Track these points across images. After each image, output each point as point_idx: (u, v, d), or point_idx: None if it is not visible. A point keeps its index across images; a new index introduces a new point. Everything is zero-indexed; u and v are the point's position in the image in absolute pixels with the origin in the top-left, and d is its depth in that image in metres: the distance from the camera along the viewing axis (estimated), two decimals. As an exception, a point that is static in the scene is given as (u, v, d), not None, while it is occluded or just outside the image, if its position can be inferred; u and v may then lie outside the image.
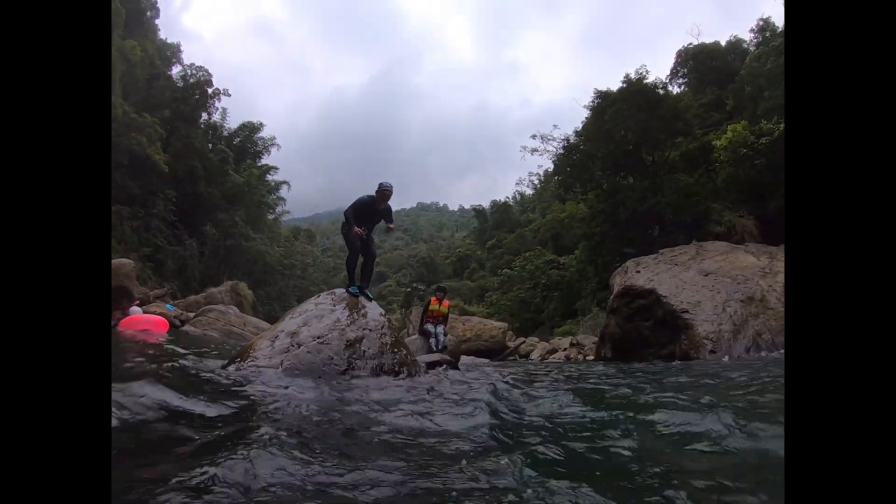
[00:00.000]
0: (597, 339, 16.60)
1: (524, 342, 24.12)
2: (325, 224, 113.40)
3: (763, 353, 10.23)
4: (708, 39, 34.82)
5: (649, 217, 25.34)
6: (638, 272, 14.49)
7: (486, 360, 16.37)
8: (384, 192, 7.95)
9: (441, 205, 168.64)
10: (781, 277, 12.66)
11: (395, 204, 8.19)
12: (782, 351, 10.15)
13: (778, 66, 24.97)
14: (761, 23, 32.21)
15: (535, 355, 21.37)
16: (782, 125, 20.44)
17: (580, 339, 21.47)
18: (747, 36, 33.64)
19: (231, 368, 5.86)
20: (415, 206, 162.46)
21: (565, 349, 20.79)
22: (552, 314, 33.16)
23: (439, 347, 11.84)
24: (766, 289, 12.17)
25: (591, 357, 16.41)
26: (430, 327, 12.35)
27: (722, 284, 12.51)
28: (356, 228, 7.77)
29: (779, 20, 30.68)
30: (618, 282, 15.08)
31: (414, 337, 13.06)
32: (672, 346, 11.66)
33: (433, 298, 12.90)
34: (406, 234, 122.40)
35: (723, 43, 34.11)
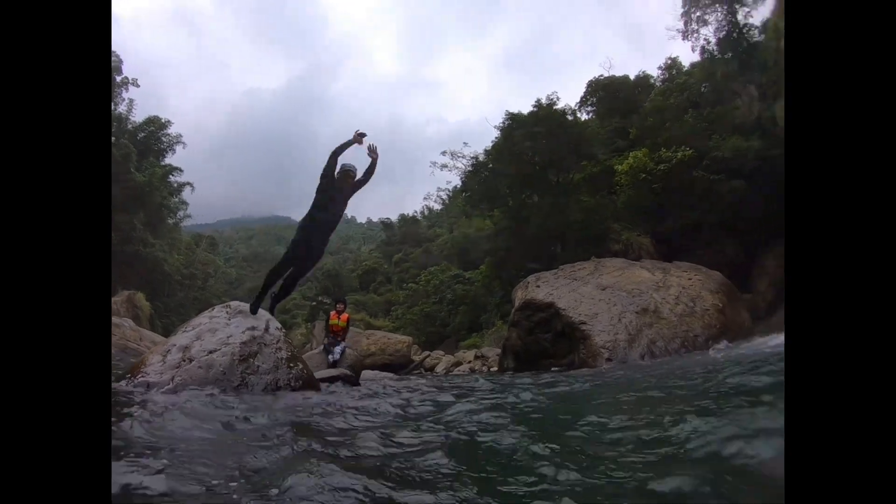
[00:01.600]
0: (500, 351, 16.95)
1: (429, 356, 24.24)
2: (228, 232, 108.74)
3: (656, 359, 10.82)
4: (618, 73, 36.04)
5: (552, 234, 26.17)
6: (538, 286, 14.95)
7: (390, 374, 16.37)
8: (347, 173, 6.98)
9: (349, 216, 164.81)
10: (674, 290, 13.48)
11: (302, 214, 7.60)
12: (671, 356, 10.85)
13: (680, 101, 26.60)
14: (669, 61, 34.26)
15: (439, 368, 21.51)
16: (679, 153, 21.78)
17: (484, 351, 21.81)
18: (655, 72, 35.45)
19: (120, 385, 5.56)
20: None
21: (470, 362, 21.06)
22: (457, 327, 33.47)
23: (333, 362, 11.71)
24: (659, 301, 12.90)
25: (495, 368, 16.70)
26: (327, 342, 12.24)
27: (618, 297, 13.13)
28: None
29: (685, 60, 32.68)
30: (519, 296, 15.51)
31: (317, 351, 12.89)
32: (572, 355, 12.11)
33: (332, 312, 12.78)
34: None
35: (632, 77, 35.41)
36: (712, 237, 21.46)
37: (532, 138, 26.56)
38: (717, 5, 26.62)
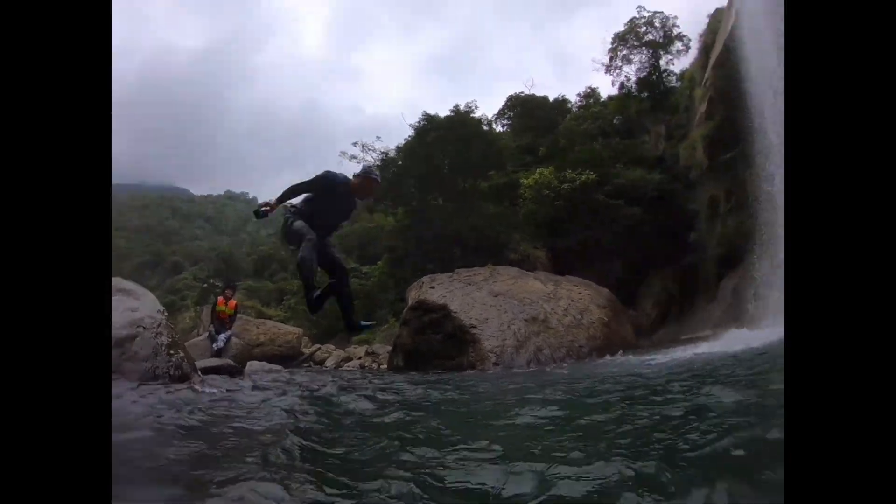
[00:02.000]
0: (391, 348, 16.95)
1: (320, 349, 23.84)
2: (121, 198, 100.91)
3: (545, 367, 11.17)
4: (539, 93, 37.04)
5: (452, 238, 26.41)
6: (433, 288, 15.08)
7: (279, 367, 16.05)
8: (368, 180, 5.38)
9: (251, 196, 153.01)
10: (564, 302, 13.98)
11: (203, 188, 6.90)
12: (560, 364, 11.27)
13: (592, 129, 28.17)
14: (588, 90, 35.62)
15: (329, 363, 21.20)
16: (584, 176, 22.74)
17: (376, 348, 21.63)
18: (573, 98, 36.60)
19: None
20: (223, 193, 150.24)
21: (360, 358, 20.86)
22: (350, 322, 33.12)
23: (218, 351, 11.30)
24: (548, 311, 13.35)
25: (385, 366, 16.67)
26: (212, 329, 11.80)
27: (509, 305, 13.46)
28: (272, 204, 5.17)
29: (604, 91, 34.27)
30: (413, 295, 15.61)
31: (202, 338, 12.43)
32: (461, 357, 12.26)
33: (220, 298, 12.32)
34: (209, 223, 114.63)
35: (551, 98, 36.52)
36: (605, 256, 22.42)
37: (445, 142, 26.75)
38: (644, 48, 28.23)
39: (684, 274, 21.49)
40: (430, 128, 27.75)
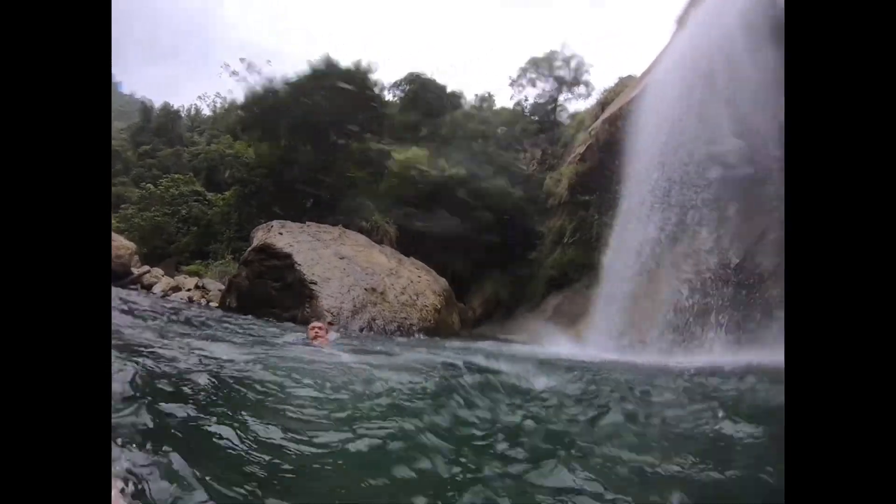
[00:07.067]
0: (224, 286, 16.77)
1: (149, 272, 22.55)
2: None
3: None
4: (440, 80, 38.70)
5: (310, 189, 26.20)
6: (281, 234, 15.05)
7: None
8: None
9: (116, 80, 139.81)
10: (404, 281, 14.73)
11: None
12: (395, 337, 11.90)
13: (476, 129, 30.23)
14: (487, 94, 38.48)
15: (157, 289, 20.16)
16: (454, 170, 24.11)
17: (206, 282, 21.02)
18: (471, 97, 38.70)
19: None
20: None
21: (189, 290, 20.13)
22: (183, 249, 31.53)
23: None
24: (388, 285, 14.00)
25: (216, 304, 16.40)
26: None
27: (353, 270, 13.91)
28: None
29: (500, 101, 37.51)
30: (259, 236, 15.44)
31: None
32: (296, 311, 12.50)
33: None
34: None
35: (449, 89, 37.81)
36: (448, 249, 23.55)
37: (334, 92, 26.42)
38: (552, 79, 30.09)
39: (515, 283, 23.36)
40: (326, 73, 27.27)
